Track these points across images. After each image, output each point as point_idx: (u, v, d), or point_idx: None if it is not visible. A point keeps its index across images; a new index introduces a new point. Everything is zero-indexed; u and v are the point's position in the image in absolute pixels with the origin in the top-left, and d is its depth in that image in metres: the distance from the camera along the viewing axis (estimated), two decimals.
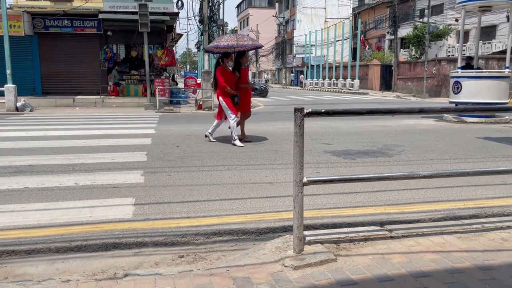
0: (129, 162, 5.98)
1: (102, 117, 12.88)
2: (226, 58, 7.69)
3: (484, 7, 12.13)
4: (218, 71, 7.58)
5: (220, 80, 7.50)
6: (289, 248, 2.77)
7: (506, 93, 11.65)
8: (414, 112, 2.71)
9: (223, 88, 7.53)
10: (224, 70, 7.61)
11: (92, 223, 3.55)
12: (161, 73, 20.25)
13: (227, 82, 7.50)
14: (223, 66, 7.63)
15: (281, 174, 5.36)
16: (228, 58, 7.72)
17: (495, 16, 25.03)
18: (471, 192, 4.55)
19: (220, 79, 7.50)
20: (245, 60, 7.98)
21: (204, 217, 3.72)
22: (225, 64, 7.67)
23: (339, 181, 2.85)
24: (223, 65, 7.64)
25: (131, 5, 17.10)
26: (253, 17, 67.85)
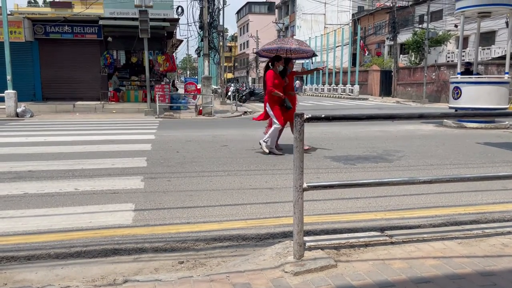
0: (129, 168, 5.98)
1: (102, 123, 12.89)
2: (277, 61, 7.28)
3: (483, 13, 12.19)
4: (268, 75, 7.16)
5: (268, 84, 7.11)
6: (289, 254, 2.76)
7: (506, 99, 11.67)
8: (414, 117, 2.71)
9: (270, 92, 7.13)
10: (275, 74, 7.18)
11: (92, 229, 3.54)
12: (161, 79, 20.29)
13: (275, 87, 7.11)
14: (274, 70, 7.22)
15: (281, 179, 5.36)
16: (279, 62, 7.30)
17: (494, 22, 25.14)
18: (472, 197, 4.54)
19: (269, 82, 7.09)
20: (292, 66, 7.68)
21: (204, 223, 3.71)
22: (276, 68, 7.26)
23: (339, 186, 2.85)
24: (273, 69, 7.24)
25: (132, 11, 17.16)
26: (253, 23, 68.10)
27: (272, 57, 7.46)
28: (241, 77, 75.37)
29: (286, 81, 7.39)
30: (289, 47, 7.76)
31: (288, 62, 7.49)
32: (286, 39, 8.29)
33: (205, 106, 16.46)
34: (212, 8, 18.56)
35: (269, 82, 7.07)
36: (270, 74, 7.12)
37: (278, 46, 7.84)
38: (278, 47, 7.76)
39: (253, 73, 67.97)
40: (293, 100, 7.56)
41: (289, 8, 59.24)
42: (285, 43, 7.80)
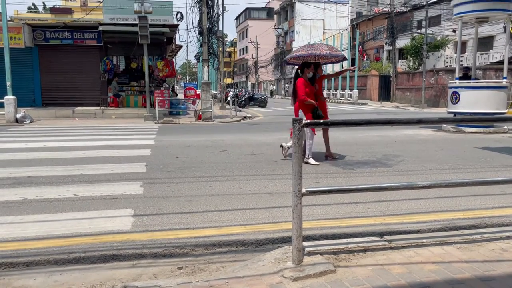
0: (128, 173, 5.98)
1: (101, 128, 12.89)
2: (307, 68, 7.02)
3: (481, 18, 12.24)
4: (298, 83, 6.88)
5: (300, 93, 6.83)
6: (288, 259, 2.76)
7: (504, 103, 11.69)
8: (412, 122, 2.72)
9: (302, 101, 6.85)
10: (305, 81, 6.94)
11: (91, 234, 3.53)
12: (161, 84, 20.33)
13: (307, 95, 6.85)
14: (304, 77, 6.97)
15: (280, 184, 5.36)
16: (309, 69, 7.04)
17: (492, 27, 25.24)
18: (471, 202, 4.54)
19: (301, 91, 6.83)
20: (321, 71, 7.50)
21: (203, 228, 3.71)
22: (305, 75, 7.01)
23: (338, 191, 2.85)
24: (303, 76, 6.98)
25: (131, 17, 17.22)
26: (252, 29, 68.30)
27: (301, 64, 7.22)
28: (240, 82, 75.50)
29: (316, 87, 7.21)
30: (319, 52, 7.65)
31: (317, 68, 7.32)
32: (316, 45, 8.06)
33: (204, 111, 16.48)
34: (211, 14, 18.62)
35: (301, 91, 6.82)
36: (300, 82, 6.88)
37: (308, 52, 7.70)
38: (308, 53, 7.62)
39: (252, 78, 68.11)
40: (323, 106, 7.42)
41: (288, 13, 59.44)
42: (315, 49, 7.68)
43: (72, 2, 42.77)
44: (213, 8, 18.99)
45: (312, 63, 7.21)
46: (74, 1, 43.15)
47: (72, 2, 42.85)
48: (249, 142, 9.61)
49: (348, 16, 52.80)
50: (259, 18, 71.88)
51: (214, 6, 19.02)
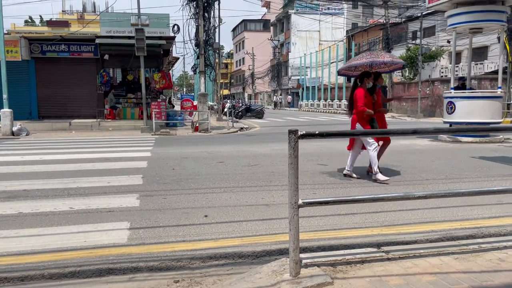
0: (124, 186, 5.95)
1: (98, 141, 12.87)
2: (367, 78, 6.63)
3: (475, 29, 12.37)
4: (358, 93, 6.48)
5: (359, 103, 6.42)
6: (285, 271, 2.75)
7: (499, 113, 11.77)
8: (408, 133, 2.73)
9: (361, 111, 6.44)
10: (365, 92, 6.55)
11: (87, 248, 3.51)
12: (158, 96, 20.35)
13: (366, 106, 6.46)
14: (363, 87, 6.58)
15: (277, 195, 5.34)
16: (369, 78, 6.66)
17: (486, 37, 25.49)
18: (468, 212, 4.54)
19: (360, 101, 6.42)
20: (381, 81, 7.12)
21: (200, 241, 3.69)
22: (365, 85, 6.62)
23: (334, 202, 2.85)
24: (363, 86, 6.59)
25: (128, 29, 17.32)
26: (249, 40, 68.78)
27: (360, 74, 6.84)
28: (237, 93, 75.75)
29: (374, 98, 6.86)
30: (382, 60, 7.27)
31: (377, 78, 6.99)
32: (375, 52, 7.65)
33: (201, 123, 16.49)
34: (208, 26, 18.76)
35: (360, 101, 6.41)
36: (360, 92, 6.48)
37: (369, 60, 7.30)
38: (369, 62, 7.26)
39: (249, 89, 68.38)
40: (382, 118, 7.06)
41: (284, 25, 59.91)
42: (376, 57, 7.30)
43: (69, 15, 42.99)
44: (210, 21, 19.13)
45: (372, 73, 6.90)
46: (71, 14, 43.37)
47: (69, 15, 43.07)
48: (246, 153, 9.61)
49: (343, 27, 53.28)
50: (255, 30, 72.41)
51: (210, 18, 19.15)
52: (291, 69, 55.06)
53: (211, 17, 19.40)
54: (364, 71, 6.99)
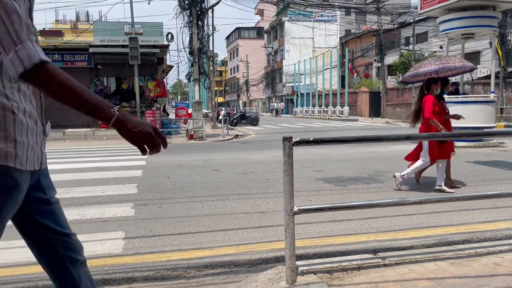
0: (119, 195, 5.92)
1: (92, 150, 12.82)
2: (434, 84, 6.15)
3: (467, 35, 12.50)
4: (427, 100, 5.97)
5: (427, 108, 5.91)
6: (281, 279, 2.73)
7: (493, 117, 11.86)
8: (401, 139, 2.74)
9: (427, 119, 5.94)
10: (435, 99, 6.03)
11: None
12: (152, 105, 20.35)
13: (435, 114, 5.97)
14: (431, 94, 6.08)
15: (273, 203, 5.33)
16: (436, 85, 6.18)
17: (478, 42, 25.76)
18: (463, 216, 4.55)
19: (427, 109, 5.91)
20: (449, 88, 6.66)
21: (196, 250, 3.66)
22: (433, 92, 6.11)
23: (330, 209, 2.85)
24: (430, 93, 6.09)
25: (122, 38, 17.35)
26: (243, 48, 69.05)
27: (427, 80, 6.41)
28: (232, 100, 75.88)
29: (443, 106, 6.51)
30: (453, 65, 6.91)
31: (445, 84, 6.53)
32: (445, 58, 7.21)
33: (196, 131, 16.48)
34: (201, 34, 18.82)
35: (428, 109, 5.91)
36: (430, 100, 5.96)
37: (439, 67, 6.92)
38: (439, 68, 6.88)
39: (243, 96, 68.53)
40: (449, 125, 6.60)
41: (277, 32, 60.24)
42: (447, 62, 6.92)
43: (63, 25, 43.02)
44: (203, 29, 19.20)
45: (439, 79, 6.45)
46: (64, 24, 43.41)
47: (62, 24, 43.10)
48: (241, 161, 9.60)
49: (337, 34, 53.67)
50: (249, 38, 72.74)
51: (204, 26, 19.23)
52: (285, 76, 55.29)
53: (205, 25, 19.50)
54: (430, 77, 6.52)
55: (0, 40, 1.27)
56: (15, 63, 1.27)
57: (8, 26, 1.26)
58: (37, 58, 1.29)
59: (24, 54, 1.27)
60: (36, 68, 1.29)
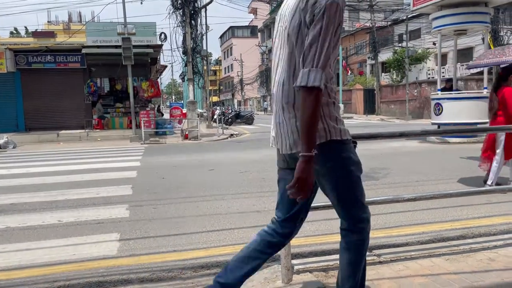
0: (114, 196, 5.89)
1: (86, 151, 12.75)
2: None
3: (459, 31, 12.54)
4: (507, 92, 5.34)
5: (510, 104, 5.29)
6: (277, 278, 2.73)
7: (486, 113, 11.90)
8: (395, 136, 2.74)
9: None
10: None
11: (76, 261, 3.45)
12: (146, 105, 20.27)
13: None
14: (509, 85, 5.42)
15: (268, 202, 5.32)
16: None
17: (471, 38, 25.84)
18: (458, 212, 4.57)
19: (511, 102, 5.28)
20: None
21: (191, 250, 3.65)
22: (510, 83, 5.44)
23: (324, 207, 2.85)
24: (508, 84, 5.43)
25: (114, 39, 17.25)
26: (237, 47, 68.96)
27: (502, 69, 5.73)
28: (226, 100, 75.80)
29: None
30: None
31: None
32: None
33: (191, 130, 16.44)
34: (195, 34, 18.76)
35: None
36: (510, 92, 5.35)
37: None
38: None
39: (238, 95, 68.46)
40: None
41: (271, 31, 60.20)
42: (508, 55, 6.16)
43: (55, 26, 42.77)
44: (197, 28, 19.14)
45: None
46: (57, 25, 43.16)
47: (55, 25, 42.86)
48: (237, 160, 9.60)
49: None
50: (243, 36, 72.64)
51: (197, 25, 19.17)
52: None
53: (198, 25, 19.43)
54: (506, 67, 5.84)
55: (306, 55, 1.73)
56: (303, 77, 1.71)
57: (318, 49, 1.71)
58: (317, 84, 1.69)
59: (312, 76, 1.69)
60: (310, 89, 1.70)
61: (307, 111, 1.72)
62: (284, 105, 1.90)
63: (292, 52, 1.84)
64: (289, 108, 1.88)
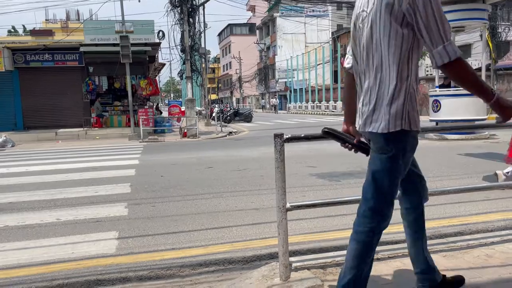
0: (112, 195, 5.90)
1: (85, 150, 12.75)
2: None
3: (457, 28, 12.52)
4: None
5: None
6: (275, 275, 2.73)
7: (484, 109, 11.91)
8: None
9: None
10: None
11: (74, 260, 3.46)
12: (145, 103, 20.26)
13: None
14: None
15: (267, 199, 5.33)
16: None
17: (469, 35, 25.84)
18: (455, 209, 4.58)
19: None
20: None
21: (189, 248, 3.66)
22: None
23: (322, 205, 2.86)
24: None
25: (112, 37, 17.24)
26: (235, 45, 68.88)
27: None
28: (225, 97, 75.75)
29: None
30: None
31: None
32: None
33: (189, 128, 16.44)
34: (193, 32, 18.71)
35: None
36: None
37: None
38: None
39: (237, 93, 68.43)
40: None
41: (269, 28, 60.15)
42: None
43: (53, 24, 42.65)
44: (195, 26, 19.09)
45: None
46: (54, 23, 43.03)
47: (52, 24, 42.73)
48: (235, 158, 9.60)
49: (329, 29, 53.64)
50: (241, 34, 72.56)
51: (195, 23, 19.12)
52: (278, 72, 55.25)
53: (196, 22, 19.39)
54: None
55: (431, 37, 1.79)
56: (442, 55, 1.78)
57: (440, 26, 1.78)
58: (458, 54, 1.78)
59: (450, 49, 1.78)
60: (456, 61, 1.79)
61: (465, 81, 1.86)
62: None
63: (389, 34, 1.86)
64: None
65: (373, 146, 2.05)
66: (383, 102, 1.91)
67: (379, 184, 2.03)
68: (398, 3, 1.79)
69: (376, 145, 2.01)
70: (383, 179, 2.01)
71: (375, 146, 2.02)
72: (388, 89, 1.90)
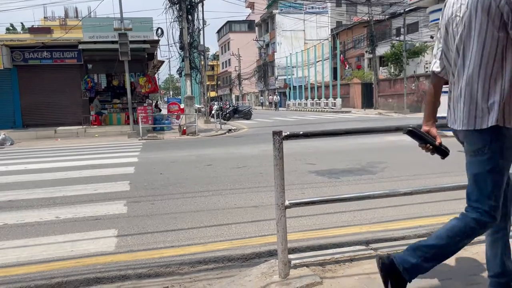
0: (111, 193, 5.89)
1: (84, 148, 12.74)
2: None
3: None
4: None
5: None
6: (274, 273, 2.74)
7: None
8: (391, 130, 2.75)
9: None
10: None
11: (74, 258, 3.46)
12: (144, 101, 20.24)
13: None
14: None
15: (266, 197, 5.33)
16: None
17: None
18: (454, 205, 4.57)
19: None
20: None
21: (189, 246, 3.66)
22: None
23: (321, 202, 2.86)
24: None
25: (111, 34, 17.18)
26: (234, 42, 68.73)
27: None
28: (224, 95, 75.68)
29: None
30: None
31: None
32: None
33: (189, 126, 16.43)
34: (192, 29, 18.68)
35: None
36: None
37: None
38: None
39: (236, 90, 68.34)
40: None
41: (268, 25, 60.01)
42: None
43: (51, 22, 42.49)
44: (193, 23, 19.06)
45: None
46: (53, 21, 42.88)
47: (51, 21, 42.58)
48: (234, 155, 9.60)
49: (328, 26, 53.52)
50: (240, 31, 72.39)
51: (194, 20, 19.09)
52: (277, 69, 55.15)
53: (195, 19, 19.36)
54: None
55: None
56: None
57: None
58: None
59: None
60: None
61: None
62: None
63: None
64: None
65: (468, 148, 2.12)
66: (478, 101, 1.94)
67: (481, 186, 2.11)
68: (495, 2, 1.80)
69: (471, 146, 2.09)
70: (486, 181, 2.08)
71: (471, 147, 2.10)
72: (483, 88, 1.92)
